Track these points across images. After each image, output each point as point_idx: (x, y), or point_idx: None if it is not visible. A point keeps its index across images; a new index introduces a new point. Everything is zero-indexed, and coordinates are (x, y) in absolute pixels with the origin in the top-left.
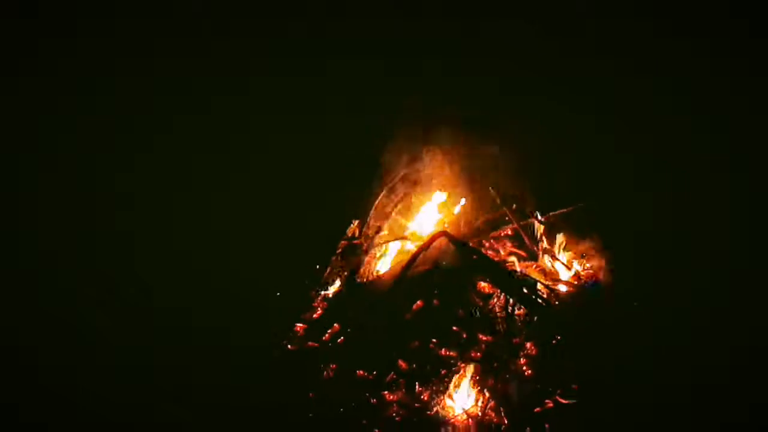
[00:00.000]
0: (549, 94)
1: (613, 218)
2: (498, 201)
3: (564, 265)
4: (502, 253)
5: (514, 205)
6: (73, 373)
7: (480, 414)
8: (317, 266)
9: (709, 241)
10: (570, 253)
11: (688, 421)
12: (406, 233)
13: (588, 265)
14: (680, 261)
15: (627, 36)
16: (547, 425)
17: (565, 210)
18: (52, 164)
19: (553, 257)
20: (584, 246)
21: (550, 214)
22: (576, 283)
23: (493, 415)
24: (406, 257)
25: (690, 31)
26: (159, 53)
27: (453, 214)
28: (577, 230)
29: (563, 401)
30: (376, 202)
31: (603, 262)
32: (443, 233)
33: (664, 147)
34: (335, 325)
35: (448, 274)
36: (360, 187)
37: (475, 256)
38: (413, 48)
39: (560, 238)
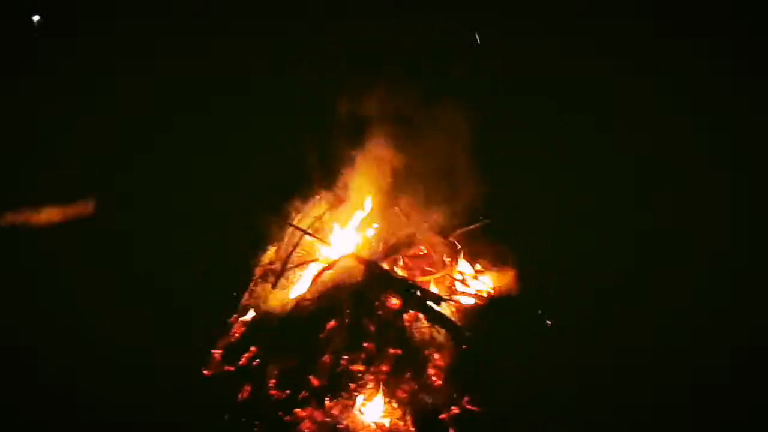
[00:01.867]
0: (549, 94)
1: (613, 218)
2: (405, 220)
3: (469, 280)
4: (413, 271)
5: (426, 225)
6: (73, 373)
7: (388, 425)
8: (233, 293)
9: (709, 241)
10: (478, 267)
11: (688, 421)
12: (319, 255)
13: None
14: (680, 261)
15: (627, 36)
16: (451, 430)
17: (471, 227)
18: (52, 164)
19: (456, 273)
20: (490, 260)
21: (457, 231)
22: (482, 295)
23: (401, 424)
24: (319, 279)
25: (690, 31)
26: (159, 53)
27: (368, 234)
28: (492, 243)
29: (470, 407)
30: (293, 222)
31: (509, 275)
32: (350, 255)
33: (664, 147)
34: (252, 348)
35: (358, 294)
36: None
37: (382, 275)
38: (413, 48)
39: (471, 254)
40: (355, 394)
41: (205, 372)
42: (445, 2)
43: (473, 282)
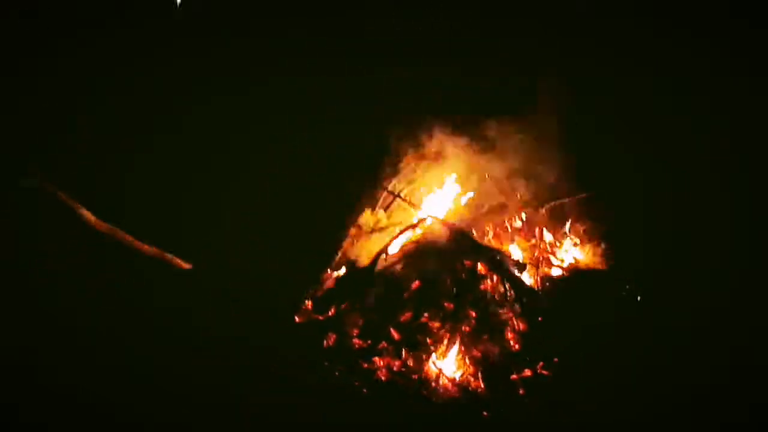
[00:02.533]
0: (549, 94)
1: (613, 218)
2: (497, 189)
3: (561, 252)
4: (501, 240)
5: (519, 195)
6: (73, 373)
7: (459, 379)
8: (336, 252)
9: (709, 241)
10: (571, 240)
11: (688, 421)
12: (411, 218)
13: (583, 252)
14: (680, 261)
15: (627, 36)
16: (521, 391)
17: (566, 200)
18: (52, 164)
19: (547, 245)
20: (584, 234)
21: (552, 203)
22: (569, 269)
23: (472, 380)
24: (412, 243)
25: (690, 31)
26: (159, 53)
27: (460, 202)
28: (582, 220)
29: (542, 371)
30: (384, 190)
31: (600, 250)
32: (439, 220)
33: (664, 147)
34: (343, 303)
35: (444, 257)
36: (362, 185)
37: (468, 241)
38: (413, 48)
39: (563, 227)
40: (431, 348)
41: (297, 319)
42: (445, 2)
43: (560, 254)
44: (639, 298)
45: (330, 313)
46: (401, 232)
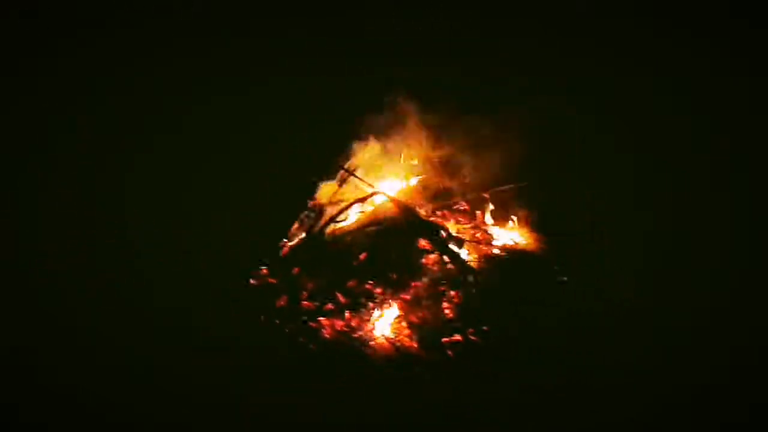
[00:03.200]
0: (549, 94)
1: (613, 218)
2: (445, 173)
3: (500, 234)
4: (446, 219)
5: (466, 180)
6: (73, 373)
7: (394, 338)
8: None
9: (709, 241)
10: (510, 224)
11: (688, 421)
12: (365, 196)
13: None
14: (680, 261)
15: (627, 36)
16: (449, 352)
17: (506, 187)
18: (52, 164)
19: (488, 227)
20: (523, 220)
21: (495, 189)
22: (506, 249)
23: (407, 341)
24: (363, 218)
25: (690, 31)
26: (159, 53)
27: (410, 183)
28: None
29: (472, 338)
30: (341, 167)
31: (535, 235)
32: (391, 198)
33: (664, 147)
34: (295, 268)
35: (391, 231)
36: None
37: (415, 218)
38: (412, 48)
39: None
40: (372, 311)
41: (252, 282)
42: (445, 2)
43: (499, 235)
44: (565, 279)
45: (283, 277)
46: (350, 204)
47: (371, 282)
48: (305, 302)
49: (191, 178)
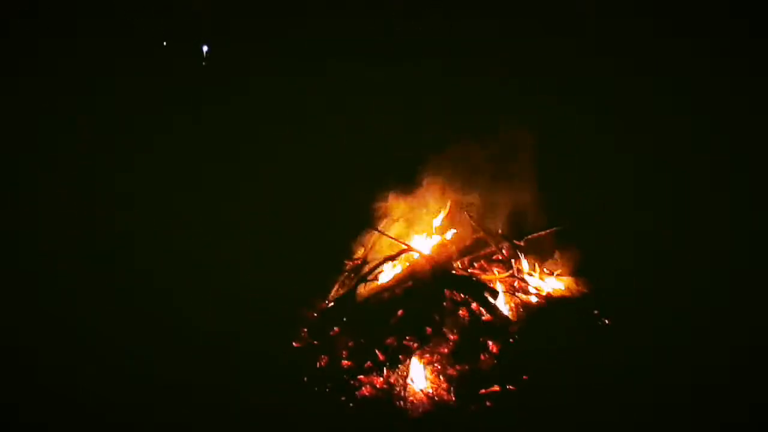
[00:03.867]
0: (549, 94)
1: (613, 218)
2: (475, 225)
3: (537, 281)
4: (481, 271)
5: (499, 231)
6: (73, 373)
7: (432, 392)
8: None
9: (709, 241)
10: (547, 271)
11: (688, 421)
12: (399, 255)
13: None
14: (680, 261)
15: (627, 36)
16: (488, 403)
17: (543, 233)
18: (52, 164)
19: (523, 273)
20: (560, 266)
21: (528, 237)
22: (544, 297)
23: (445, 394)
24: (399, 275)
25: (690, 31)
26: (159, 53)
27: (445, 238)
28: (559, 252)
29: (509, 387)
30: (373, 229)
31: (573, 281)
32: (423, 255)
33: (664, 147)
34: (335, 328)
35: (426, 287)
36: (364, 192)
37: (449, 273)
38: (412, 48)
39: (540, 258)
40: (410, 368)
41: (295, 344)
42: (445, 2)
43: (536, 283)
44: (607, 322)
45: (324, 339)
46: (382, 262)
47: (408, 338)
48: (344, 362)
49: (191, 178)
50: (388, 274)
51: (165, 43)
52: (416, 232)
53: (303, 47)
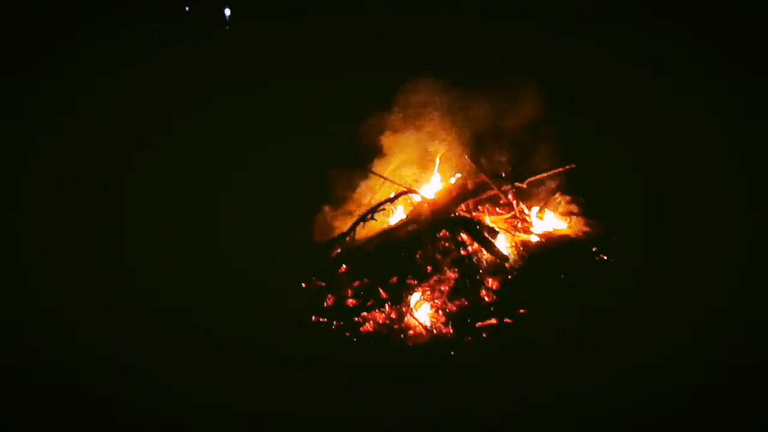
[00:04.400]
0: (549, 93)
1: (613, 218)
2: (476, 168)
3: (538, 222)
4: (484, 213)
5: (503, 174)
6: (73, 373)
7: (431, 325)
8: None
9: (709, 241)
10: (549, 211)
11: (688, 421)
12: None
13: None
14: (680, 261)
15: (627, 36)
16: (484, 335)
17: (545, 174)
18: (52, 164)
19: (525, 214)
20: (563, 206)
21: (530, 179)
22: (545, 236)
23: (443, 327)
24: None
25: (690, 31)
26: (159, 53)
27: (448, 181)
28: (562, 193)
29: (507, 320)
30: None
31: (576, 221)
32: (410, 191)
33: (664, 147)
34: (342, 267)
35: (426, 228)
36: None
37: (450, 214)
38: (412, 48)
39: (543, 199)
40: (411, 304)
41: (303, 284)
42: (446, 2)
43: (538, 223)
44: (608, 259)
45: (330, 279)
46: (382, 203)
47: (410, 276)
48: (349, 300)
49: (191, 177)
50: (392, 216)
51: (187, 9)
52: (421, 176)
53: (302, 46)
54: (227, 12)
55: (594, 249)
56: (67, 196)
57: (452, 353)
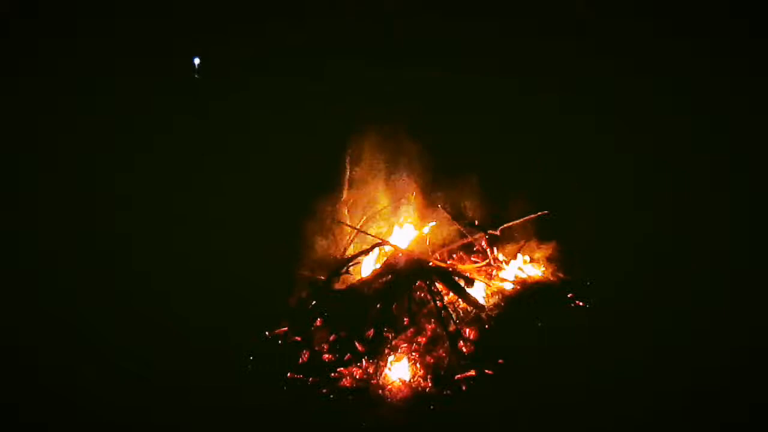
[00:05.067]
0: (549, 93)
1: (613, 218)
2: (449, 216)
3: (513, 269)
4: (458, 262)
5: (476, 222)
6: (73, 373)
7: (409, 380)
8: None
9: (709, 242)
10: (522, 258)
11: (688, 422)
12: (376, 248)
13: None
14: (680, 261)
15: (627, 36)
16: (463, 387)
17: (518, 221)
18: (52, 164)
19: (501, 263)
20: (537, 252)
21: (503, 226)
22: (521, 283)
23: (422, 381)
24: (378, 269)
25: (690, 31)
26: (159, 53)
27: (422, 232)
28: (541, 238)
29: (488, 371)
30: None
31: (552, 268)
32: (384, 242)
33: (664, 147)
34: (318, 320)
35: (401, 279)
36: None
37: (424, 264)
38: (412, 47)
39: (516, 246)
40: (388, 358)
41: (279, 341)
42: (446, 2)
43: (513, 270)
44: (589, 305)
45: (305, 334)
46: (357, 255)
47: (386, 329)
48: (325, 355)
49: (191, 178)
50: (367, 268)
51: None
52: (394, 227)
53: (300, 47)
54: (197, 61)
55: (570, 295)
56: (67, 195)
57: (431, 407)
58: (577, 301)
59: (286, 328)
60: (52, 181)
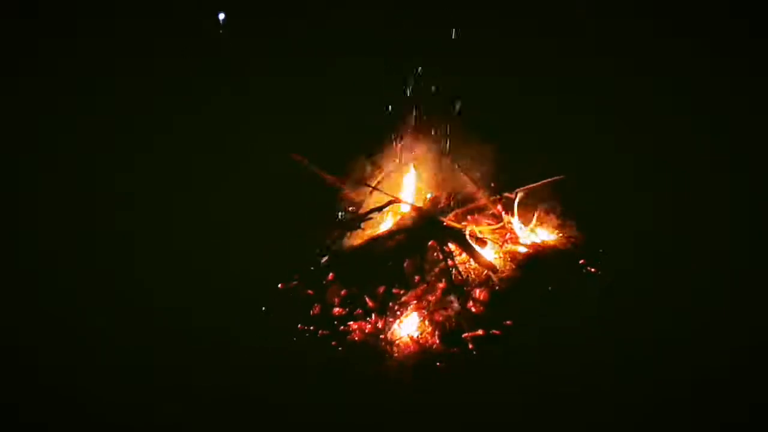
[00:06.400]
0: (549, 94)
1: (613, 218)
2: (467, 178)
3: (524, 231)
4: (472, 223)
5: (493, 184)
6: (73, 373)
7: (417, 336)
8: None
9: (709, 242)
10: (538, 222)
11: (688, 421)
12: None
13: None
14: (680, 261)
15: (627, 36)
16: (470, 346)
17: (535, 185)
18: (52, 164)
19: (515, 227)
20: (552, 217)
21: (523, 188)
22: (534, 247)
23: (429, 338)
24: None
25: (690, 31)
26: (159, 53)
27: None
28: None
29: (495, 332)
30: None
31: (566, 232)
32: (398, 200)
33: (664, 147)
34: (329, 276)
35: (414, 237)
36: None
37: (438, 223)
38: (412, 47)
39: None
40: (398, 313)
41: (289, 293)
42: (446, 2)
43: (527, 234)
44: (593, 271)
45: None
46: (369, 212)
47: (397, 286)
48: (336, 309)
49: (191, 177)
50: (381, 226)
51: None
52: (409, 185)
53: (302, 45)
54: (221, 17)
55: (582, 261)
56: (67, 195)
57: (438, 364)
58: (589, 268)
59: (297, 282)
60: (52, 181)
